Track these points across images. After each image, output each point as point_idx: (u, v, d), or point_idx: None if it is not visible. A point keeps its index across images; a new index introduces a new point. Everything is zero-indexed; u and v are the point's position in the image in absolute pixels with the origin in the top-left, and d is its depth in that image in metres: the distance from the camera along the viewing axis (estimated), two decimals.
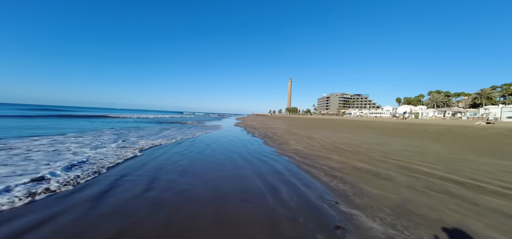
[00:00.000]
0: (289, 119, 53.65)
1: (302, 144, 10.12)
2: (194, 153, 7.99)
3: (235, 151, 8.69)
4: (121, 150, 7.70)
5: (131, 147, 8.36)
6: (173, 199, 3.70)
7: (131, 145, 8.73)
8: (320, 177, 5.07)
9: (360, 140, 11.48)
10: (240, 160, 7.11)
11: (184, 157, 7.13)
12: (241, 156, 7.70)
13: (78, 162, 5.66)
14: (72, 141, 9.04)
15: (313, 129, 19.04)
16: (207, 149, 9.09)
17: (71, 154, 6.57)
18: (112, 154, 6.96)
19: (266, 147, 9.93)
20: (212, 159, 7.20)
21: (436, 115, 78.05)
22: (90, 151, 7.09)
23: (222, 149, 9.02)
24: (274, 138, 12.80)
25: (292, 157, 7.45)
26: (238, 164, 6.44)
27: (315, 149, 8.84)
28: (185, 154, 7.67)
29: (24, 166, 5.02)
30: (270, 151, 8.76)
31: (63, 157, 6.09)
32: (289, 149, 9.14)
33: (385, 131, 16.15)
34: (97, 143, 8.87)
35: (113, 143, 9.09)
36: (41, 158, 5.93)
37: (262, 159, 7.28)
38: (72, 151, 7.06)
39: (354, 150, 8.44)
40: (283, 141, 11.38)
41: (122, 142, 9.70)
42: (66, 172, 4.76)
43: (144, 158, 6.76)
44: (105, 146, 8.20)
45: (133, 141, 10.17)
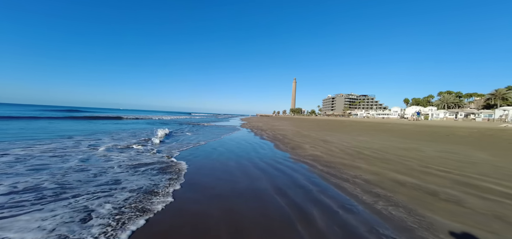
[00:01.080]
0: (295, 120, 52.38)
1: (319, 149, 9.04)
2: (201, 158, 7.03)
3: (245, 157, 7.68)
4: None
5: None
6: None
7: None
8: (358, 195, 4.01)
9: (382, 144, 10.31)
10: (252, 168, 6.10)
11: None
12: (253, 163, 6.69)
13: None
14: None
15: (324, 131, 17.88)
16: (213, 153, 8.12)
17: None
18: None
19: (279, 151, 8.89)
20: (219, 165, 6.22)
21: (447, 117, 75.43)
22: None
23: (230, 154, 8.03)
24: (285, 141, 11.75)
25: (312, 165, 6.39)
26: (251, 174, 5.44)
27: (335, 155, 7.75)
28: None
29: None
30: (284, 157, 7.72)
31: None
32: (306, 154, 8.08)
33: (406, 134, 14.86)
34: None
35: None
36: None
37: (277, 167, 6.25)
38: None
39: (382, 156, 7.32)
40: (296, 145, 10.32)
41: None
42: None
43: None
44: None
45: (185, 137, 9.37)
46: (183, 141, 11.13)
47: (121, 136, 12.10)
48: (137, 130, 16.27)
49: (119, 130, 15.70)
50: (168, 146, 9.40)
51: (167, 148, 8.72)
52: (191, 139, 12.08)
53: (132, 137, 11.80)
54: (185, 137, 13.00)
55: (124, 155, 6.92)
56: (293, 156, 7.89)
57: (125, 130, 15.92)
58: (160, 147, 9.08)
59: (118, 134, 13.02)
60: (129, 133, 13.55)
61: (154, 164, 5.97)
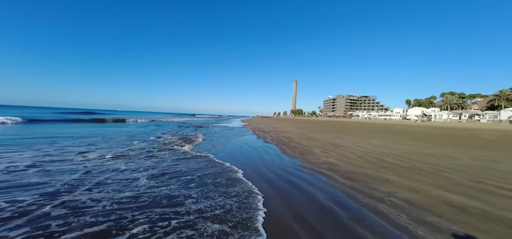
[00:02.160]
0: (297, 121, 51.30)
1: (332, 155, 7.95)
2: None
3: (249, 164, 6.60)
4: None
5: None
6: None
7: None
8: (408, 226, 2.93)
9: (402, 149, 9.22)
10: (259, 179, 5.03)
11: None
12: (259, 173, 5.61)
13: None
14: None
15: (331, 133, 16.78)
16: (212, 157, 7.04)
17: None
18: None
19: (286, 158, 7.81)
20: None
21: (451, 118, 74.34)
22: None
23: (232, 161, 6.94)
24: (291, 145, 10.67)
25: (331, 177, 5.31)
26: (258, 188, 4.36)
27: (354, 163, 6.66)
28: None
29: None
30: (294, 165, 6.64)
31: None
32: (319, 162, 6.99)
33: (422, 137, 13.75)
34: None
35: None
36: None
37: (288, 179, 5.17)
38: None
39: (410, 165, 6.23)
40: (305, 150, 9.23)
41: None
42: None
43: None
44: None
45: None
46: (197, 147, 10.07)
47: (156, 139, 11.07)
48: (154, 132, 15.23)
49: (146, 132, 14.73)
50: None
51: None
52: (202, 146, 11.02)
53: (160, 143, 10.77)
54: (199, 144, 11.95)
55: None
56: (304, 163, 6.81)
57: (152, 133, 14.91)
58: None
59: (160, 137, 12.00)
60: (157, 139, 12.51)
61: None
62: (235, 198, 3.88)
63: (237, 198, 3.88)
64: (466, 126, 20.83)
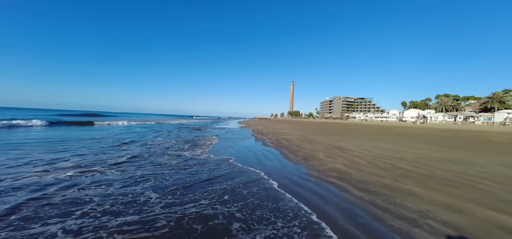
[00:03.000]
0: (295, 123, 50.65)
1: (339, 160, 7.16)
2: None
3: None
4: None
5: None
6: None
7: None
8: None
9: (412, 153, 8.50)
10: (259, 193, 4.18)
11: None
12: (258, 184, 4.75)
13: None
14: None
15: (332, 136, 16.05)
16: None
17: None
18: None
19: (289, 163, 6.98)
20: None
21: (446, 120, 75.01)
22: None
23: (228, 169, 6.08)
24: (292, 149, 9.86)
25: (343, 187, 4.50)
26: (257, 207, 3.52)
27: (365, 170, 5.88)
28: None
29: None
30: (299, 172, 5.82)
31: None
32: (325, 168, 6.19)
33: (429, 140, 13.12)
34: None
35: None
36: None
37: (296, 192, 4.34)
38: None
39: (430, 172, 5.47)
40: (308, 154, 8.43)
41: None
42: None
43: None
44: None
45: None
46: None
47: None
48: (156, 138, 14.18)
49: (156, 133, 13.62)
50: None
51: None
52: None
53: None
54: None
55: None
56: (310, 171, 5.99)
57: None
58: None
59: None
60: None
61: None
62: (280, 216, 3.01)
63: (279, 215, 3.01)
64: (469, 128, 20.44)
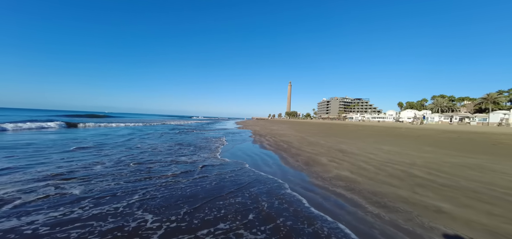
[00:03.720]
0: (293, 123, 50.14)
1: (344, 165, 6.54)
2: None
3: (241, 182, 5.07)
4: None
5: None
6: None
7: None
8: None
9: (422, 157, 7.95)
10: (253, 208, 3.51)
11: None
12: (252, 196, 4.08)
13: None
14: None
15: (332, 137, 15.48)
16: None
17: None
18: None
19: (289, 169, 6.34)
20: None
21: (442, 120, 75.58)
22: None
23: (218, 178, 5.39)
24: (292, 152, 9.22)
25: (355, 202, 3.87)
26: (252, 224, 2.85)
27: (375, 178, 5.27)
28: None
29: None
30: (301, 181, 5.18)
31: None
32: (330, 176, 5.56)
33: (435, 142, 12.62)
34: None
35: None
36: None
37: (298, 208, 3.68)
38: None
39: (454, 183, 4.88)
40: (309, 158, 7.80)
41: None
42: None
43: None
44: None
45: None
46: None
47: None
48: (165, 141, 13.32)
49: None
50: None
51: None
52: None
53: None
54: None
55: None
56: (313, 178, 5.35)
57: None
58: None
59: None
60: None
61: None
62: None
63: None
64: (471, 130, 20.13)
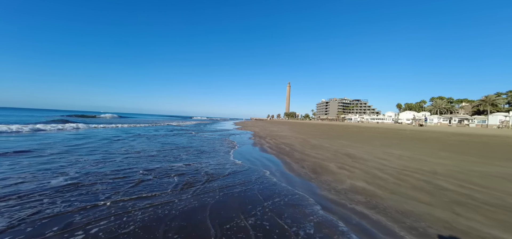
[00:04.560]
0: (293, 124, 49.40)
1: (357, 174, 5.77)
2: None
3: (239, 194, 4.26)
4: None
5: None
6: None
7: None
8: None
9: (441, 163, 7.20)
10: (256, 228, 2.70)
11: None
12: (251, 218, 3.26)
13: None
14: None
15: (335, 139, 14.73)
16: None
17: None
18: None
19: (294, 178, 5.54)
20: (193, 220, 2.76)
21: (441, 122, 75.49)
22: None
23: (207, 191, 4.57)
24: (295, 157, 8.44)
25: (385, 228, 3.08)
26: None
27: (398, 191, 4.50)
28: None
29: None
30: (311, 193, 4.39)
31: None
32: (344, 187, 4.78)
33: (447, 146, 11.91)
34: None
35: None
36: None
37: (312, 236, 2.88)
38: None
39: (501, 201, 4.12)
40: (316, 164, 7.01)
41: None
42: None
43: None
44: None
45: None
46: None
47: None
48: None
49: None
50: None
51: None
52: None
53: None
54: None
55: None
56: (325, 191, 4.56)
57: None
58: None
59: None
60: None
61: None
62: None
63: None
64: (479, 132, 19.53)
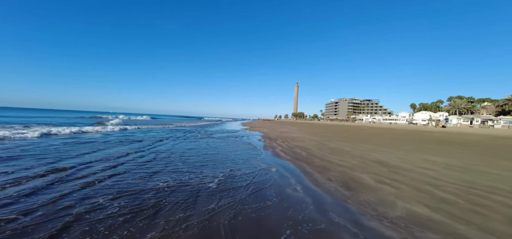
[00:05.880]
0: (303, 125, 47.60)
1: (405, 191, 4.30)
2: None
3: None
4: None
5: None
6: None
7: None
8: None
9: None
10: None
11: None
12: None
13: None
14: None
15: (355, 142, 13.10)
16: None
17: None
18: None
19: (323, 195, 4.14)
20: None
21: (461, 123, 70.81)
22: None
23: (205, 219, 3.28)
24: (315, 163, 7.01)
25: None
26: None
27: (487, 227, 3.02)
28: None
29: None
30: (353, 223, 2.99)
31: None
32: (400, 215, 3.35)
33: (502, 153, 10.09)
34: None
35: None
36: None
37: None
38: None
39: None
40: (344, 174, 5.56)
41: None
42: None
43: None
44: None
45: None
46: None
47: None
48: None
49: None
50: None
51: None
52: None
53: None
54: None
55: None
56: (375, 220, 3.15)
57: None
58: None
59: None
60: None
61: None
62: None
63: None
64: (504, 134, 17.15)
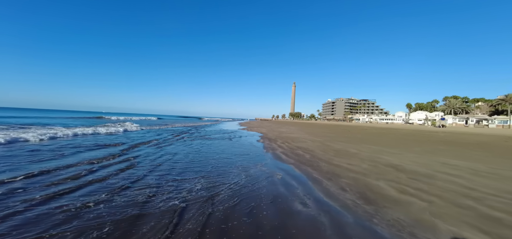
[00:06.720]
0: (302, 125, 46.99)
1: (439, 205, 3.62)
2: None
3: None
4: None
5: None
6: None
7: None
8: None
9: None
10: None
11: None
12: None
13: None
14: None
15: (359, 144, 12.46)
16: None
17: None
18: None
19: (340, 211, 3.39)
20: None
21: (456, 123, 71.41)
22: None
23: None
24: (321, 167, 6.29)
25: None
26: None
27: None
28: None
29: None
30: None
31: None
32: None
33: (501, 152, 9.55)
34: None
35: None
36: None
37: None
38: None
39: None
40: (357, 181, 4.84)
41: None
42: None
43: None
44: None
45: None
46: None
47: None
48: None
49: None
50: None
51: None
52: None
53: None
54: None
55: None
56: None
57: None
58: None
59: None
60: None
61: None
62: None
63: None
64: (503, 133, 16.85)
